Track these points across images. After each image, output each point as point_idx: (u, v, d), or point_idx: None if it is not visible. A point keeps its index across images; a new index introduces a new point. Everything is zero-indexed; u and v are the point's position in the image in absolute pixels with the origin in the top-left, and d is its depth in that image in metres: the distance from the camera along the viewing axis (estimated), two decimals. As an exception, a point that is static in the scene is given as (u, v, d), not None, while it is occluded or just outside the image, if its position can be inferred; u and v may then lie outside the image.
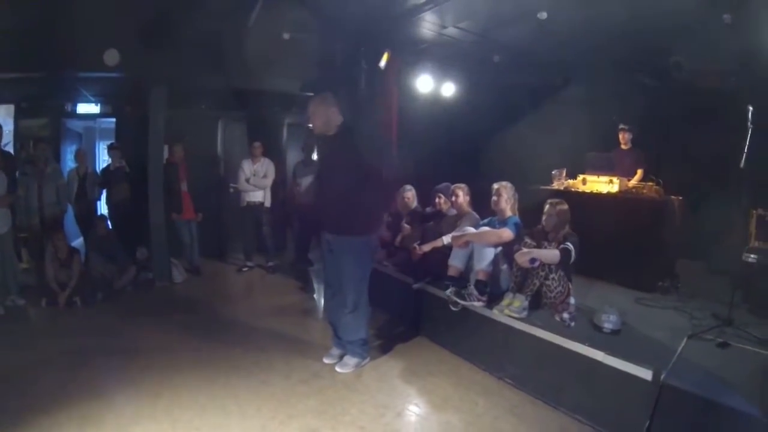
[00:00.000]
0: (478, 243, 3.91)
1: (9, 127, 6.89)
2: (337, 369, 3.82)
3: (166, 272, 6.39)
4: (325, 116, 3.68)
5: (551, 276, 3.55)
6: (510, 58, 5.92)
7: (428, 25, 5.35)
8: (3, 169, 5.28)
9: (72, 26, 5.28)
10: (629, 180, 5.25)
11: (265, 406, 3.30)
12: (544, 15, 4.64)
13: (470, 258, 4.10)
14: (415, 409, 3.28)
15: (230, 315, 5.33)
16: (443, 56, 6.18)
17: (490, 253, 3.94)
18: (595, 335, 3.20)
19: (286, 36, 5.78)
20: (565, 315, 3.39)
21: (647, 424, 2.70)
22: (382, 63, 5.85)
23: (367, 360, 3.94)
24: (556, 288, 3.55)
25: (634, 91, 5.86)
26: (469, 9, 4.94)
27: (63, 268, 5.47)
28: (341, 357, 3.95)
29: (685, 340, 3.22)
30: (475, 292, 3.88)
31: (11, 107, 7.71)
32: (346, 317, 3.81)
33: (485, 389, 3.50)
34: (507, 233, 3.86)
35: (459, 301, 3.92)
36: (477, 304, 3.86)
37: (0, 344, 4.39)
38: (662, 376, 2.69)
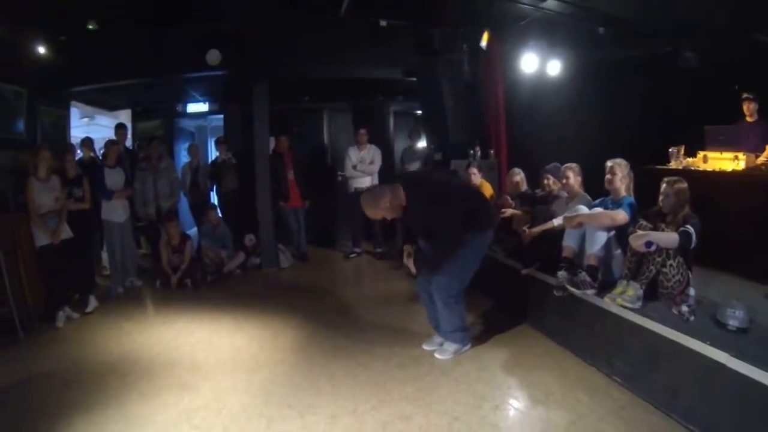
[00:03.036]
0: (591, 224, 3.70)
1: (128, 129, 7.72)
2: (437, 356, 3.86)
3: (273, 258, 6.83)
4: (390, 208, 3.67)
5: (669, 263, 3.23)
6: (615, 29, 5.51)
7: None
8: (123, 165, 6.04)
9: (176, 31, 5.80)
10: (758, 156, 4.60)
11: (360, 390, 3.40)
12: None
13: (582, 242, 3.89)
14: (514, 403, 3.20)
15: (335, 299, 5.58)
16: (546, 33, 5.91)
17: (602, 237, 3.71)
18: (718, 333, 2.82)
19: (383, 23, 5.82)
20: (684, 307, 3.06)
21: None
22: (483, 43, 5.71)
23: (467, 347, 3.94)
24: (674, 276, 3.23)
25: (755, 54, 5.12)
26: None
27: (176, 254, 6.13)
28: (441, 344, 3.96)
29: None
30: (588, 279, 3.68)
31: (129, 112, 8.80)
32: (440, 309, 3.82)
33: (591, 386, 3.31)
34: (621, 215, 3.62)
35: (569, 287, 3.73)
36: (589, 292, 3.64)
37: (119, 316, 5.13)
38: None
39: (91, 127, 8.89)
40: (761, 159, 4.56)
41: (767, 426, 2.39)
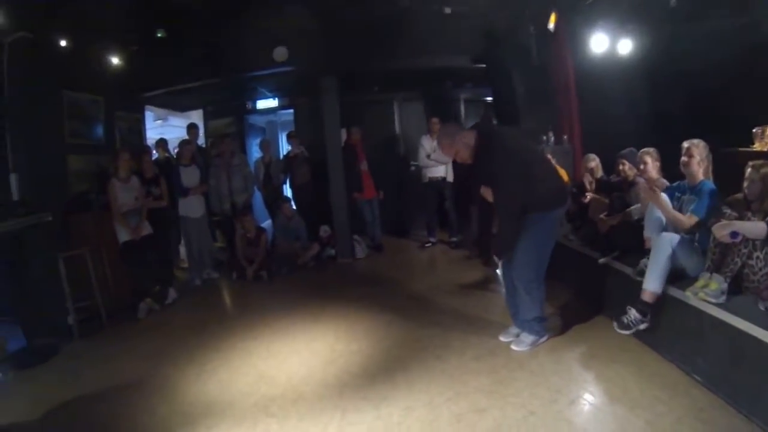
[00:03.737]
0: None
1: (200, 128, 8.16)
2: (513, 347, 3.89)
3: (348, 249, 7.04)
4: (462, 150, 3.72)
5: (755, 254, 3.09)
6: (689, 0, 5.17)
7: None
8: (197, 162, 6.42)
9: (243, 30, 6.03)
10: None
11: (435, 382, 3.48)
12: None
13: (665, 229, 3.76)
14: (590, 398, 3.18)
15: (410, 289, 5.68)
16: (615, 11, 5.67)
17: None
18: None
19: (447, 10, 5.78)
20: None
21: None
22: (551, 25, 5.58)
23: (545, 338, 3.95)
24: (761, 269, 3.08)
25: None
26: None
27: (251, 246, 6.42)
28: (517, 336, 3.99)
29: None
30: (638, 316, 3.57)
31: (200, 111, 9.26)
32: (521, 294, 3.83)
33: (670, 384, 3.21)
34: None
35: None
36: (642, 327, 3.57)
37: (197, 307, 5.54)
38: None
39: (165, 128, 9.46)
40: None
41: None
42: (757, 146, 4.68)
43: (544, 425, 2.92)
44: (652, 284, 3.52)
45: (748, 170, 3.28)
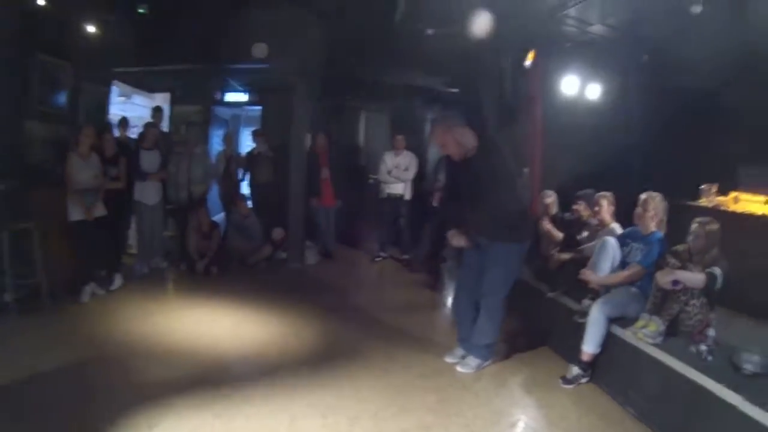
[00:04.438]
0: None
1: (165, 112, 8.08)
2: (458, 369, 4.03)
3: (299, 254, 7.07)
4: (455, 141, 3.77)
5: (692, 302, 3.44)
6: (659, 59, 5.68)
7: (573, 22, 5.35)
8: (159, 147, 6.32)
9: (222, 21, 6.07)
10: None
11: (381, 395, 3.58)
12: (698, 9, 4.37)
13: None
14: (530, 423, 3.40)
15: (358, 300, 5.78)
16: (589, 56, 6.10)
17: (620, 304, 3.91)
18: (734, 376, 2.99)
19: (429, 32, 6.02)
20: (703, 347, 3.23)
21: None
22: (528, 62, 5.88)
23: (489, 362, 4.11)
24: (696, 315, 3.43)
25: None
26: (616, 3, 4.87)
27: (203, 240, 6.39)
28: (463, 357, 4.14)
29: None
30: (580, 372, 3.89)
31: (168, 95, 9.15)
32: (480, 320, 3.98)
33: (605, 414, 3.49)
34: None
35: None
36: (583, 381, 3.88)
37: (143, 296, 5.44)
38: None
39: (127, 105, 9.22)
40: (793, 205, 4.71)
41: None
42: (703, 201, 5.14)
43: (487, 445, 3.10)
44: (589, 347, 3.83)
45: (694, 225, 3.62)
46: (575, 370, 3.89)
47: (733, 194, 4.98)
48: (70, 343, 4.19)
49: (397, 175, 7.24)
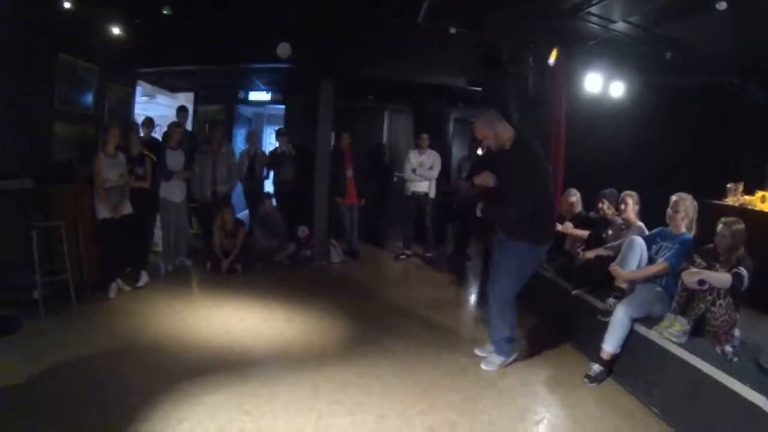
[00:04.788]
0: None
1: (189, 111, 8.18)
2: (483, 366, 4.13)
3: (324, 252, 7.17)
4: (495, 134, 3.85)
5: (719, 302, 3.46)
6: (683, 55, 5.65)
7: (596, 20, 5.35)
8: (183, 147, 6.46)
9: (246, 21, 6.16)
10: None
11: (408, 392, 3.66)
12: (723, 5, 4.37)
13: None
14: (554, 421, 3.48)
15: (384, 298, 5.87)
16: (613, 54, 6.11)
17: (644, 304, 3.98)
18: (759, 377, 3.04)
19: (452, 30, 6.06)
20: (728, 347, 3.28)
21: None
22: (552, 60, 5.91)
23: (513, 359, 4.20)
24: (721, 316, 3.45)
25: None
26: (639, 0, 4.88)
27: (228, 238, 6.50)
28: (491, 352, 4.24)
29: None
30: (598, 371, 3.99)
31: (191, 95, 9.33)
32: (493, 314, 4.09)
33: (629, 413, 3.56)
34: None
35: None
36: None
37: (169, 294, 5.52)
38: None
39: (150, 105, 9.43)
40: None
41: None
42: (729, 200, 5.14)
43: (512, 442, 3.18)
44: (609, 346, 3.93)
45: (720, 226, 3.64)
46: (597, 368, 3.98)
47: (760, 193, 4.96)
48: (99, 339, 4.29)
49: (421, 173, 7.33)
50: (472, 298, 6.30)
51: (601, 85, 6.38)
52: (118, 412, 3.17)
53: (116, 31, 6.40)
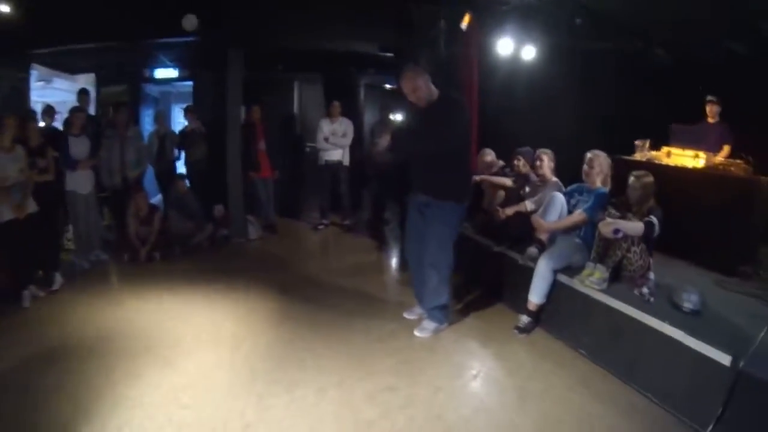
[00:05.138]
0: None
1: (91, 94, 7.58)
2: (416, 333, 4.09)
3: (242, 229, 6.97)
4: (418, 89, 3.81)
5: (633, 249, 3.69)
6: (592, 21, 5.86)
7: None
8: (87, 132, 5.95)
9: None
10: (716, 155, 5.16)
11: (343, 362, 3.64)
12: None
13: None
14: (490, 373, 3.58)
15: (307, 271, 5.76)
16: (525, 18, 6.22)
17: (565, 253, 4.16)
18: (675, 314, 3.30)
19: None
20: (645, 289, 3.53)
21: (720, 410, 2.80)
22: (464, 24, 5.94)
23: (446, 325, 4.20)
24: (637, 261, 3.70)
25: (724, 60, 5.65)
26: None
27: (144, 225, 6.13)
28: (420, 315, 4.28)
29: (765, 329, 3.24)
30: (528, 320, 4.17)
31: (92, 76, 8.65)
32: (430, 283, 4.05)
33: (560, 358, 3.75)
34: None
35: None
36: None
37: (88, 293, 5.05)
38: (741, 364, 2.76)
39: (47, 90, 8.64)
40: (718, 159, 5.08)
41: (713, 395, 2.86)
42: (637, 156, 5.43)
43: (453, 398, 3.27)
44: (535, 297, 4.11)
45: (631, 179, 3.87)
46: (525, 319, 4.14)
47: (665, 149, 5.28)
48: (17, 352, 3.84)
49: (334, 141, 7.22)
50: (394, 262, 6.33)
51: (513, 48, 6.48)
52: (40, 424, 2.95)
53: (4, 8, 5.77)
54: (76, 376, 3.45)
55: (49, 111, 6.45)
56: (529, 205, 4.77)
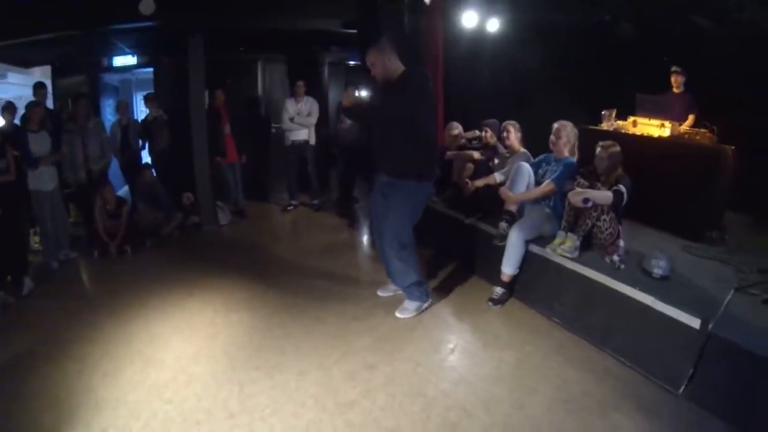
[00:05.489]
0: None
1: (48, 87, 7.14)
2: (397, 314, 4.03)
3: (212, 216, 6.85)
4: (385, 65, 3.71)
5: (603, 217, 3.72)
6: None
7: None
8: (46, 128, 5.71)
9: None
10: (681, 125, 5.24)
11: (321, 344, 3.64)
12: None
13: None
14: (467, 346, 3.61)
15: (279, 254, 5.72)
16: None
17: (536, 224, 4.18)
18: (645, 280, 3.37)
19: None
20: (615, 257, 3.59)
21: (690, 371, 2.90)
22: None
23: (428, 303, 4.14)
24: (607, 229, 3.74)
25: (687, 32, 5.72)
26: None
27: (112, 219, 5.95)
28: (395, 291, 4.28)
29: (731, 292, 3.33)
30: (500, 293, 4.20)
31: (47, 68, 8.34)
32: (393, 264, 3.99)
33: (535, 328, 3.81)
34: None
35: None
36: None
37: (61, 295, 4.91)
38: (710, 326, 2.84)
39: (1, 86, 8.29)
40: (684, 128, 5.17)
41: (684, 358, 2.95)
42: (604, 126, 5.48)
43: (432, 373, 3.29)
44: (508, 268, 4.13)
45: (599, 149, 3.89)
46: (499, 290, 4.18)
47: (631, 119, 5.32)
48: None
49: (300, 121, 7.10)
50: (365, 240, 6.30)
51: (477, 21, 6.42)
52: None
53: None
54: (56, 381, 3.36)
55: (9, 108, 6.09)
56: (498, 177, 4.78)
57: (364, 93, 6.26)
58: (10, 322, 4.38)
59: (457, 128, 5.78)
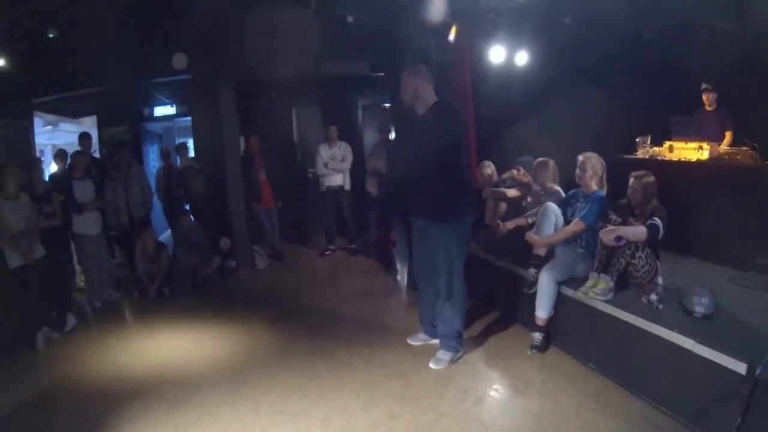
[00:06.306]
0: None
1: (93, 136, 7.61)
2: (431, 366, 3.79)
3: (249, 260, 6.90)
4: (416, 90, 3.60)
5: (638, 254, 3.47)
6: (581, 18, 5.73)
7: None
8: (91, 175, 5.98)
9: (141, 37, 5.79)
10: (719, 144, 4.94)
11: (348, 390, 3.52)
12: None
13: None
14: (495, 395, 3.40)
15: (313, 299, 5.68)
16: (513, 24, 6.09)
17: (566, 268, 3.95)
18: (685, 319, 3.11)
19: (349, 18, 5.91)
20: (653, 296, 3.32)
21: (738, 421, 2.59)
22: (451, 37, 5.86)
23: (461, 353, 3.91)
24: (642, 267, 3.47)
25: (713, 44, 5.32)
26: None
27: (152, 262, 6.11)
28: (425, 341, 4.11)
29: None
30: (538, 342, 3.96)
31: (94, 118, 8.74)
32: (442, 307, 3.81)
33: (569, 374, 3.56)
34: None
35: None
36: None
37: (100, 332, 5.11)
38: (758, 371, 2.54)
39: (55, 133, 8.80)
40: (723, 147, 4.88)
41: (731, 405, 2.64)
42: (639, 153, 5.25)
43: (455, 425, 3.09)
44: (542, 312, 3.91)
45: (631, 180, 3.67)
46: (538, 336, 3.94)
47: (667, 143, 5.06)
48: (29, 393, 3.85)
49: (333, 166, 7.14)
50: (401, 284, 6.18)
51: (505, 55, 6.37)
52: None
53: (1, 62, 5.82)
54: (84, 418, 3.40)
55: (61, 155, 6.52)
56: (529, 218, 4.60)
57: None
58: (51, 357, 4.59)
59: (489, 167, 5.66)
